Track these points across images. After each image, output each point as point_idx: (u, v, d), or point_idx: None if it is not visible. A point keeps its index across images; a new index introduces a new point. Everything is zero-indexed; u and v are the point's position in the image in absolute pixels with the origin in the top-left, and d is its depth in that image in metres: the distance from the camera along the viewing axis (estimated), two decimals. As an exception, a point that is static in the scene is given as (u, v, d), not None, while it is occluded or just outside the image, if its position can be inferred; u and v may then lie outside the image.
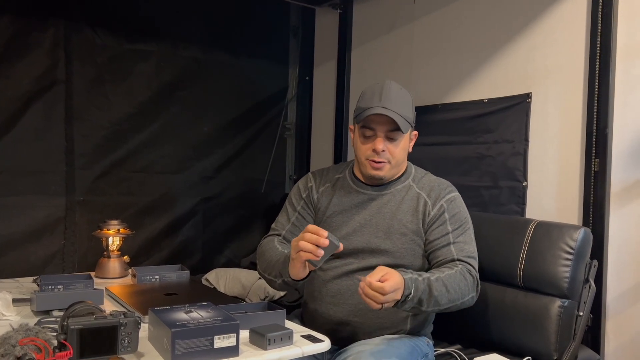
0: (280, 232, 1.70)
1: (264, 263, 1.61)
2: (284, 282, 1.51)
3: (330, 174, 1.75)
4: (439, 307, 1.47)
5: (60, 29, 2.36)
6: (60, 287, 1.58)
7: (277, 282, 1.54)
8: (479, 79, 2.24)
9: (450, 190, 1.66)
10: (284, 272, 1.48)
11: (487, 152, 2.18)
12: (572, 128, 1.94)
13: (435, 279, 1.45)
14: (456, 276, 1.49)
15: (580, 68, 1.91)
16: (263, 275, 1.63)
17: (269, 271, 1.58)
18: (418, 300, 1.41)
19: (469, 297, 1.53)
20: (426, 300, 1.43)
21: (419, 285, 1.41)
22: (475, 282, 1.54)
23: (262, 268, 1.62)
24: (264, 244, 1.68)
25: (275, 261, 1.55)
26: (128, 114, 2.53)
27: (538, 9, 2.04)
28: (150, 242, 2.62)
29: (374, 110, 1.53)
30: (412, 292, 1.39)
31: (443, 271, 1.50)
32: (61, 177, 2.39)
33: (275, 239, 1.67)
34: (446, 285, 1.46)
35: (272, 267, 1.56)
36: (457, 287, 1.48)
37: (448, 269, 1.51)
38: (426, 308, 1.45)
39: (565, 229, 1.69)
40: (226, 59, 2.83)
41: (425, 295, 1.42)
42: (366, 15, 2.79)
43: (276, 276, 1.54)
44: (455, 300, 1.49)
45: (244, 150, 2.93)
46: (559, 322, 1.62)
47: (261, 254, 1.66)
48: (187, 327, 1.10)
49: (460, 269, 1.52)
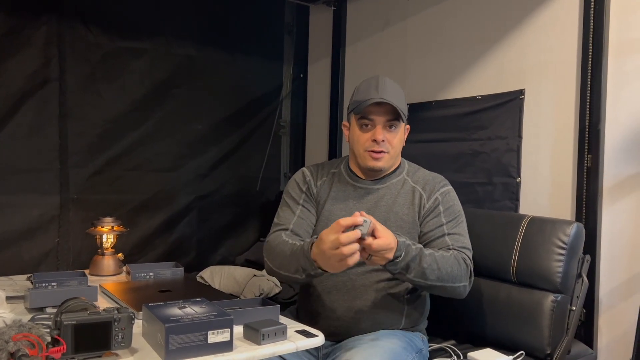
0: (288, 226, 1.63)
1: (277, 259, 1.55)
2: (309, 275, 1.45)
3: (325, 168, 1.75)
4: (425, 281, 1.46)
5: (53, 26, 2.34)
6: (54, 285, 1.58)
7: (301, 278, 1.47)
8: (472, 76, 2.25)
9: (445, 184, 1.68)
10: (308, 266, 1.42)
11: (481, 149, 2.19)
12: (565, 124, 1.95)
13: (429, 254, 1.47)
14: (450, 259, 1.51)
15: (573, 65, 1.92)
16: (277, 273, 1.56)
17: (286, 267, 1.50)
18: (405, 265, 1.42)
19: (461, 285, 1.53)
20: (414, 269, 1.43)
21: (410, 252, 1.42)
22: (468, 272, 1.55)
23: (276, 265, 1.55)
24: (271, 240, 1.61)
25: (290, 254, 1.49)
26: (122, 111, 2.52)
27: (531, 6, 2.04)
28: (145, 239, 2.61)
29: (374, 100, 1.54)
30: (402, 255, 1.40)
31: (438, 251, 1.52)
32: (55, 175, 2.38)
33: (283, 234, 1.60)
34: (437, 262, 1.47)
35: (289, 263, 1.49)
36: (450, 268, 1.49)
37: (443, 251, 1.53)
38: (412, 277, 1.44)
39: (558, 224, 1.70)
40: (220, 57, 2.83)
41: (415, 263, 1.43)
42: (360, 13, 2.79)
43: (297, 271, 1.47)
44: (445, 281, 1.49)
45: (239, 147, 2.93)
46: (552, 316, 1.63)
47: (270, 249, 1.59)
48: (181, 323, 1.11)
49: (455, 254, 1.53)
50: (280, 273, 1.54)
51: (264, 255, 1.62)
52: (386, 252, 1.37)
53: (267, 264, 1.60)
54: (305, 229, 1.64)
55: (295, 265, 1.47)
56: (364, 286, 1.58)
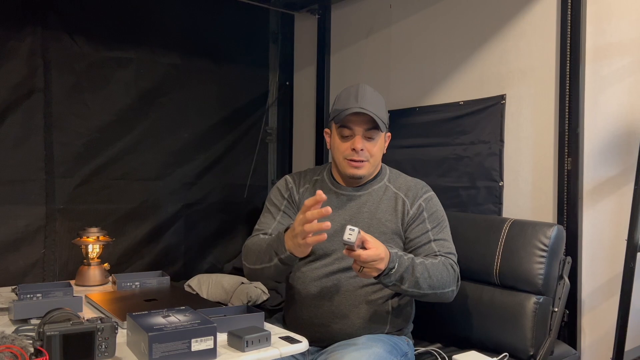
0: (267, 231, 1.66)
1: (253, 255, 1.56)
2: (280, 260, 1.45)
3: (308, 175, 1.77)
4: (419, 290, 1.49)
5: (37, 37, 2.35)
6: (39, 296, 1.57)
7: (272, 264, 1.47)
8: (455, 82, 2.29)
9: (427, 189, 1.70)
10: (279, 249, 1.43)
11: (464, 153, 2.21)
12: (545, 128, 1.98)
13: (419, 262, 1.49)
14: (439, 265, 1.53)
15: (552, 70, 1.96)
16: (253, 270, 1.57)
17: (262, 258, 1.51)
18: (400, 276, 1.44)
19: (450, 290, 1.56)
20: (407, 279, 1.45)
21: (403, 262, 1.45)
22: (456, 277, 1.58)
23: (252, 261, 1.56)
24: (248, 242, 1.64)
25: (267, 246, 1.51)
26: (108, 121, 2.53)
27: (510, 14, 2.08)
28: (132, 249, 2.61)
29: (353, 110, 1.56)
30: (396, 266, 1.42)
31: (427, 259, 1.54)
32: (41, 185, 2.38)
33: (261, 235, 1.64)
34: (429, 270, 1.49)
35: (265, 253, 1.50)
36: (440, 275, 1.52)
37: (432, 258, 1.56)
38: (406, 287, 1.47)
39: (539, 227, 1.73)
40: (206, 65, 2.84)
41: (408, 274, 1.45)
42: (344, 21, 2.82)
43: (270, 259, 1.47)
44: (436, 288, 1.51)
45: (226, 155, 2.94)
46: (535, 318, 1.66)
47: (247, 250, 1.61)
48: (164, 331, 1.11)
49: (443, 260, 1.56)
50: (256, 268, 1.55)
51: (242, 258, 1.64)
52: (377, 263, 1.38)
53: (245, 266, 1.62)
54: None
55: (270, 253, 1.48)
56: (349, 291, 1.60)
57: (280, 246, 1.44)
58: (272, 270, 1.50)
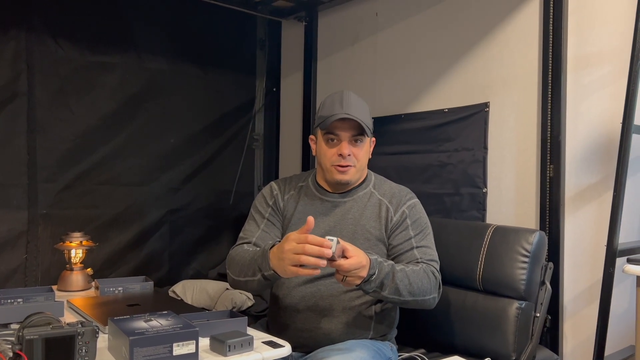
0: (251, 240, 1.66)
1: (237, 267, 1.56)
2: (264, 277, 1.45)
3: (293, 182, 1.77)
4: (399, 297, 1.49)
5: (22, 41, 2.33)
6: (19, 301, 1.56)
7: (256, 279, 1.48)
8: (439, 89, 2.31)
9: (411, 197, 1.71)
10: (263, 265, 1.44)
11: (448, 160, 2.23)
12: (528, 135, 2.01)
13: (400, 269, 1.50)
14: (419, 272, 1.54)
15: (534, 78, 1.99)
16: (237, 281, 1.57)
17: (245, 272, 1.51)
18: (380, 282, 1.44)
19: (431, 297, 1.56)
20: (388, 286, 1.46)
21: (383, 269, 1.45)
22: (437, 284, 1.59)
23: (236, 272, 1.56)
24: (232, 252, 1.64)
25: (250, 259, 1.51)
26: (92, 126, 2.51)
27: (494, 23, 2.11)
28: (116, 254, 2.59)
29: (338, 116, 1.57)
30: (376, 272, 1.43)
31: (408, 266, 1.55)
32: (23, 190, 2.35)
33: (245, 246, 1.64)
34: (409, 277, 1.50)
35: (248, 267, 1.51)
36: (420, 282, 1.52)
37: (413, 265, 1.56)
38: (387, 294, 1.47)
39: (521, 233, 1.75)
40: (193, 71, 2.84)
41: (388, 280, 1.46)
42: (331, 28, 2.84)
43: (254, 273, 1.47)
44: (417, 295, 1.52)
45: (212, 161, 2.93)
46: (517, 323, 1.67)
47: (231, 260, 1.61)
48: (146, 335, 1.11)
49: (424, 267, 1.57)
50: (240, 280, 1.55)
51: (226, 267, 1.64)
52: (359, 271, 1.39)
53: (229, 275, 1.62)
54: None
55: (253, 268, 1.48)
56: (332, 296, 1.60)
57: (264, 263, 1.44)
58: (255, 285, 1.51)
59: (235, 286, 1.62)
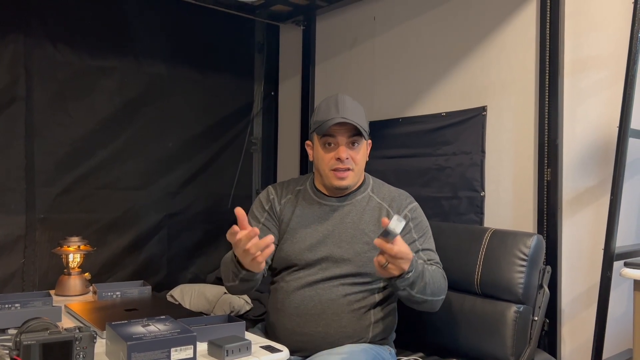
0: None
1: (224, 274, 1.60)
2: (242, 279, 1.48)
3: (290, 186, 1.77)
4: (423, 296, 1.49)
5: (20, 45, 2.33)
6: (17, 306, 1.56)
7: (237, 282, 1.51)
8: (437, 93, 2.32)
9: (411, 200, 1.72)
10: (235, 269, 1.46)
11: (446, 164, 2.24)
12: (525, 139, 2.01)
13: (427, 268, 1.51)
14: (437, 273, 1.57)
15: (531, 82, 1.99)
16: (227, 287, 1.60)
17: (228, 277, 1.55)
18: (412, 281, 1.44)
19: (442, 298, 1.59)
20: (417, 284, 1.46)
21: (418, 267, 1.45)
22: (446, 286, 1.61)
23: (225, 278, 1.59)
24: (222, 259, 1.65)
25: (225, 265, 1.55)
26: (90, 130, 2.51)
27: (491, 27, 2.12)
28: (114, 259, 2.58)
29: (335, 120, 1.57)
30: (413, 270, 1.42)
31: (430, 266, 1.56)
32: (21, 194, 2.35)
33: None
34: (432, 277, 1.52)
35: (228, 272, 1.54)
36: (439, 283, 1.55)
37: (430, 265, 1.57)
38: (415, 293, 1.47)
39: (519, 237, 1.75)
40: (191, 75, 2.84)
41: (419, 279, 1.46)
42: (329, 32, 2.85)
43: (234, 278, 1.51)
44: (436, 295, 1.54)
45: (210, 165, 2.93)
46: (515, 327, 1.67)
47: (222, 266, 1.63)
48: (144, 340, 1.11)
49: (439, 268, 1.59)
50: (228, 285, 1.58)
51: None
52: (403, 262, 1.37)
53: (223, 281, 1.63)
54: None
55: (231, 274, 1.51)
56: (331, 300, 1.60)
57: (235, 267, 1.46)
58: (240, 287, 1.53)
59: (229, 291, 1.63)
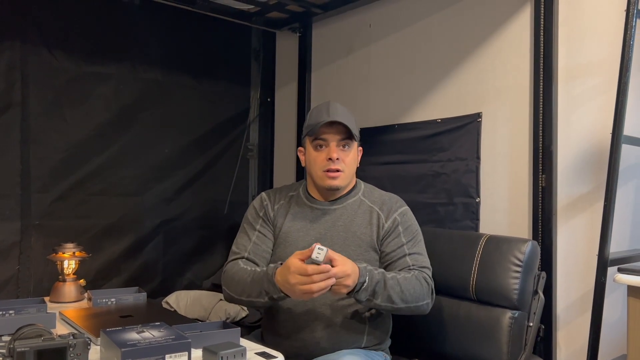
0: (244, 254, 1.67)
1: (238, 287, 1.57)
2: (272, 299, 1.49)
3: (283, 192, 1.78)
4: (392, 305, 1.50)
5: (16, 51, 2.34)
6: (11, 312, 1.55)
7: (262, 300, 1.50)
8: (432, 100, 2.33)
9: (401, 204, 1.73)
10: (271, 289, 1.46)
11: (441, 170, 2.25)
12: (520, 145, 2.02)
13: (391, 277, 1.51)
14: (412, 280, 1.55)
15: (526, 89, 2.01)
16: (237, 299, 1.59)
17: (248, 292, 1.53)
18: (372, 291, 1.45)
19: (424, 303, 1.58)
20: (380, 294, 1.47)
21: (374, 276, 1.46)
22: (430, 289, 1.60)
23: (237, 292, 1.58)
24: (228, 269, 1.65)
25: (252, 281, 1.53)
26: (86, 136, 2.51)
27: (486, 34, 2.14)
28: (109, 265, 2.58)
29: (325, 120, 1.61)
30: (367, 280, 1.44)
31: (399, 273, 1.56)
32: (16, 200, 2.34)
33: (240, 262, 1.65)
34: (400, 285, 1.51)
35: (252, 288, 1.52)
36: (412, 289, 1.53)
37: (404, 272, 1.57)
38: (380, 302, 1.48)
39: (514, 243, 1.75)
40: (187, 81, 2.85)
41: (380, 288, 1.47)
42: (325, 39, 2.86)
43: (259, 295, 1.50)
44: (410, 302, 1.53)
45: (206, 171, 2.93)
46: (510, 333, 1.67)
47: (229, 279, 1.62)
48: (138, 347, 1.10)
49: (416, 274, 1.58)
50: (242, 299, 1.57)
51: (222, 284, 1.65)
52: (344, 280, 1.40)
53: (225, 292, 1.63)
54: (261, 254, 1.68)
55: (258, 290, 1.50)
56: (325, 305, 1.60)
57: (271, 287, 1.46)
58: (261, 304, 1.53)
59: (233, 302, 1.63)
